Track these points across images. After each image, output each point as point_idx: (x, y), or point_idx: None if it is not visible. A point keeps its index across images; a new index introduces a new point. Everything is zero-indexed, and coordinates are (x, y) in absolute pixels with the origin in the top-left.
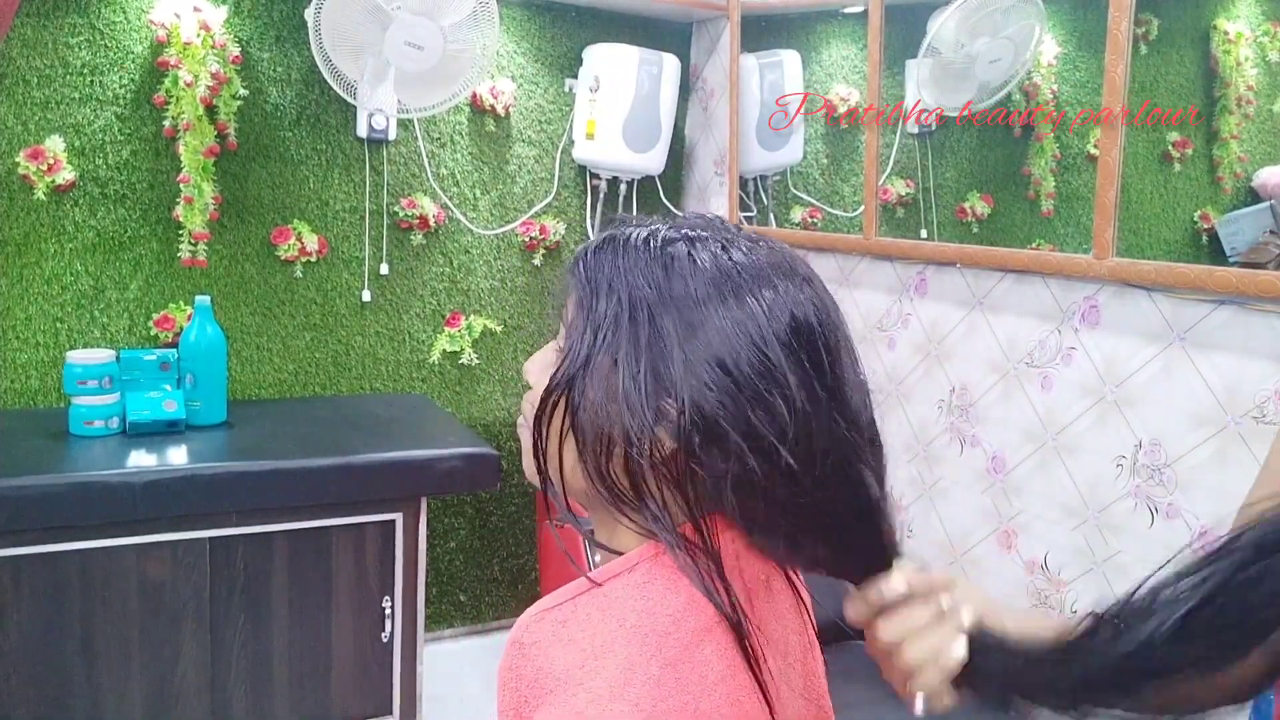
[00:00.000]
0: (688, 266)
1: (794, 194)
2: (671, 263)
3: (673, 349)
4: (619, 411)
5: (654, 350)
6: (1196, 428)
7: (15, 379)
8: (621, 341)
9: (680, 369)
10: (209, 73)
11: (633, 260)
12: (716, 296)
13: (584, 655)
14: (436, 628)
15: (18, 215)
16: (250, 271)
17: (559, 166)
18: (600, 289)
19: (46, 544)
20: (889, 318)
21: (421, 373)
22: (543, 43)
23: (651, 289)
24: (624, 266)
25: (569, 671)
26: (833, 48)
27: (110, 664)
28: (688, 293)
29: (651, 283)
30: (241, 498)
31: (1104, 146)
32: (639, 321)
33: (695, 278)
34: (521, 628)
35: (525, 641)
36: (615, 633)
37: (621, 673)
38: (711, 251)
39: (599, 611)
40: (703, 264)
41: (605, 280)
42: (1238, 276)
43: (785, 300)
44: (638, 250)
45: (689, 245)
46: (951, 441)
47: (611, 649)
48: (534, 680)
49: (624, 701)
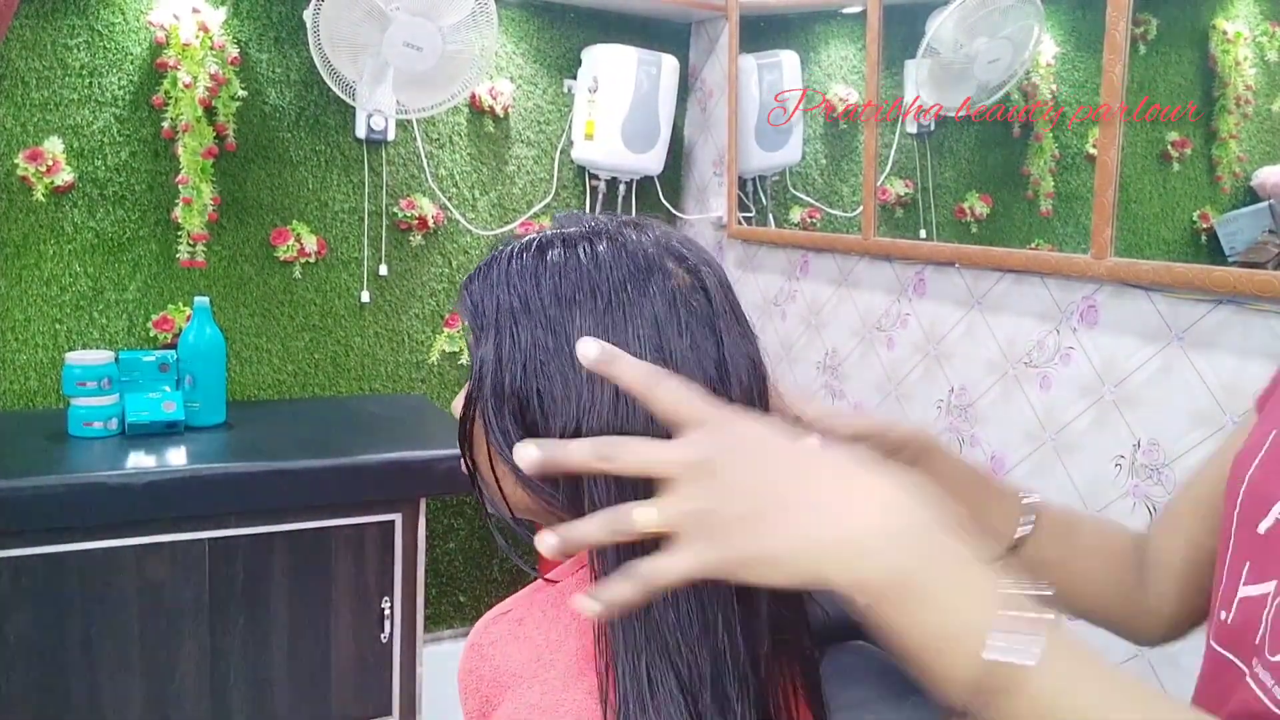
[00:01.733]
0: (558, 270)
1: (793, 194)
2: (542, 271)
3: (550, 360)
4: (535, 406)
5: (538, 362)
6: (1195, 427)
7: (14, 380)
8: (509, 356)
9: (560, 383)
10: (208, 74)
11: (504, 276)
12: (591, 295)
13: (538, 650)
14: (436, 628)
15: (17, 216)
16: (249, 272)
17: (558, 167)
18: (482, 314)
19: (46, 545)
20: (888, 318)
21: (420, 373)
22: (541, 43)
23: (521, 300)
24: (496, 284)
25: (525, 666)
26: (831, 48)
27: (110, 664)
28: (559, 297)
29: (522, 294)
30: (241, 499)
31: (1102, 146)
32: (517, 334)
33: (567, 279)
34: (478, 631)
35: (482, 643)
36: (569, 626)
37: (575, 663)
38: (581, 251)
39: (552, 609)
40: (573, 264)
41: (484, 304)
42: (1236, 276)
43: (656, 289)
44: (510, 265)
45: (562, 248)
46: (951, 442)
47: (564, 643)
48: (493, 679)
49: (578, 690)
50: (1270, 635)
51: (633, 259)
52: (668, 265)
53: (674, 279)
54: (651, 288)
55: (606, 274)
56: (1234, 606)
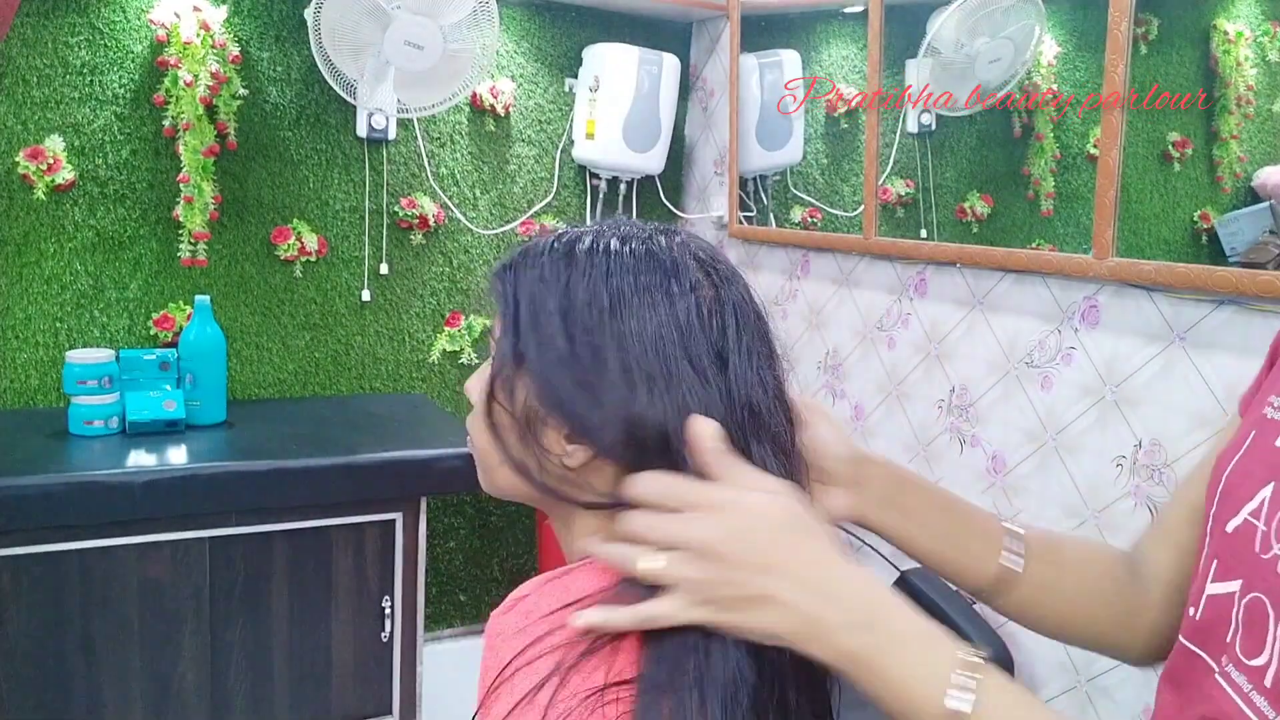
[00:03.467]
0: (594, 268)
1: (794, 194)
2: (575, 267)
3: (592, 352)
4: (551, 412)
5: (569, 355)
6: (1196, 427)
7: (14, 379)
8: (535, 348)
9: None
10: (209, 72)
11: (538, 272)
12: (620, 297)
13: (545, 640)
14: (436, 628)
15: (17, 215)
16: (250, 271)
17: (559, 166)
18: (513, 305)
19: (46, 544)
20: (889, 318)
21: (421, 372)
22: (542, 42)
23: (554, 295)
24: (529, 278)
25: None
26: (833, 47)
27: (110, 664)
28: (594, 295)
29: (555, 291)
30: (241, 497)
31: (1103, 146)
32: (550, 327)
33: (600, 279)
34: (490, 623)
35: (491, 633)
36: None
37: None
38: (614, 251)
39: (558, 601)
40: (608, 263)
41: (515, 295)
42: (1237, 276)
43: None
44: (545, 258)
45: (594, 247)
46: (951, 441)
47: (574, 642)
48: (498, 671)
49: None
50: (1243, 636)
51: (660, 266)
52: (696, 277)
53: (699, 290)
54: (676, 296)
55: (633, 278)
56: (1201, 603)
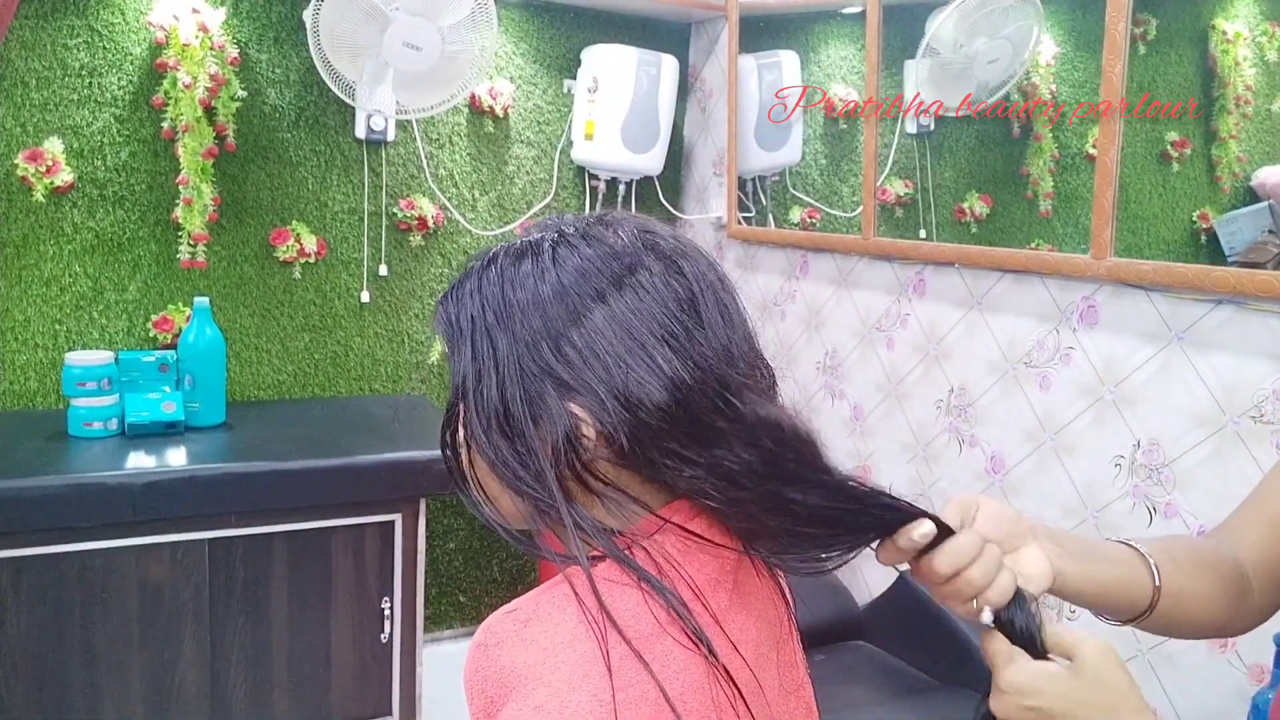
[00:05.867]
0: (528, 277)
1: (793, 194)
2: (513, 279)
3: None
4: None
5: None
6: (1195, 427)
7: (14, 380)
8: (487, 369)
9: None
10: (207, 74)
11: (477, 289)
12: (560, 298)
13: (544, 652)
14: (436, 628)
15: (16, 217)
16: (249, 273)
17: (558, 167)
18: (456, 329)
19: (46, 545)
20: (887, 318)
21: (420, 373)
22: (541, 43)
23: (495, 311)
24: (468, 298)
25: (530, 668)
26: (831, 48)
27: (110, 665)
28: (531, 303)
29: (495, 305)
30: (240, 499)
31: (1102, 146)
32: (495, 345)
33: (550, 264)
34: (484, 631)
35: (488, 643)
36: (575, 629)
37: (580, 665)
38: (550, 255)
39: (558, 610)
40: (542, 270)
41: (458, 318)
42: (1236, 276)
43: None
44: (481, 277)
45: (540, 241)
46: (950, 441)
47: (571, 644)
48: (498, 679)
49: (582, 693)
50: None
51: (602, 260)
52: (644, 260)
53: (646, 274)
54: (622, 287)
55: (576, 277)
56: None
